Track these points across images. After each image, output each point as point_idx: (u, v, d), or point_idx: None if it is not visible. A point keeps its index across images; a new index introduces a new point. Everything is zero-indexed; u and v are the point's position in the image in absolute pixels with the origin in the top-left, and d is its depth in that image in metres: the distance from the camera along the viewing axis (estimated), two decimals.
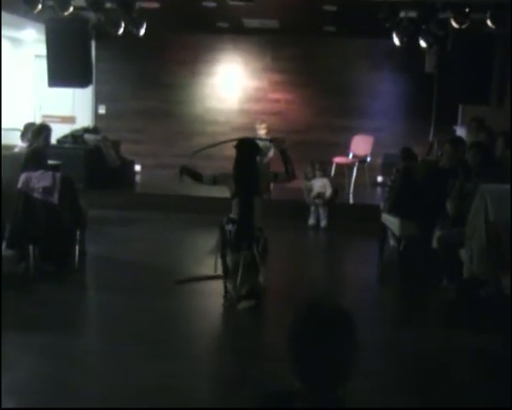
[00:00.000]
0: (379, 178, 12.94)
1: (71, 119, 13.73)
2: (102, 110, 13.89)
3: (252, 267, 5.97)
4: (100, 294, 6.64)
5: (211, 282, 6.42)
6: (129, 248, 8.34)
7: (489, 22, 8.69)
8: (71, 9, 9.35)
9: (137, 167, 12.89)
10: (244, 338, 5.55)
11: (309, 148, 12.42)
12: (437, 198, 6.80)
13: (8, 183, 6.75)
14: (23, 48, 13.93)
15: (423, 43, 9.97)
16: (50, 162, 7.46)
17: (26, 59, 13.97)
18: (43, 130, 7.62)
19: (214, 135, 11.52)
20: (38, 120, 12.36)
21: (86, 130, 12.01)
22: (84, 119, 13.45)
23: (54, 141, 9.54)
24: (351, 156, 12.49)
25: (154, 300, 6.18)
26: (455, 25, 8.89)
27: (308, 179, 10.28)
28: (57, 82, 10.23)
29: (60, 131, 11.39)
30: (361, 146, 12.54)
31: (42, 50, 10.60)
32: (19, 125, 9.53)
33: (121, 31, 9.96)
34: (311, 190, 10.13)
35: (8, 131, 11.40)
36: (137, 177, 12.77)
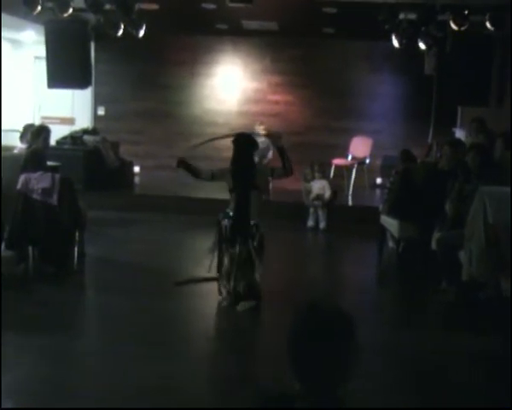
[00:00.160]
0: (378, 179, 12.94)
1: (70, 120, 13.73)
2: (101, 111, 13.90)
3: (247, 263, 5.98)
4: (99, 295, 6.64)
5: (209, 283, 6.41)
6: (128, 249, 8.34)
7: (488, 24, 8.70)
8: (70, 11, 9.36)
9: (136, 169, 12.88)
10: (243, 339, 5.56)
11: (308, 149, 12.43)
12: (436, 200, 6.80)
13: (7, 184, 6.74)
14: (23, 49, 13.93)
15: (422, 45, 9.98)
16: (49, 163, 7.45)
17: (26, 60, 13.98)
18: (42, 131, 7.62)
19: (213, 136, 11.48)
20: (38, 122, 12.36)
21: (85, 131, 12.01)
22: (84, 120, 13.45)
23: (53, 142, 9.54)
24: (350, 158, 12.50)
25: (153, 301, 6.18)
26: (454, 27, 8.90)
27: (307, 181, 10.27)
28: (56, 83, 10.24)
29: (59, 132, 11.38)
30: (360, 148, 12.55)
31: (41, 52, 10.60)
32: (18, 126, 9.53)
33: (120, 32, 9.96)
34: (310, 192, 10.13)
35: (7, 132, 11.40)
36: (136, 178, 12.76)
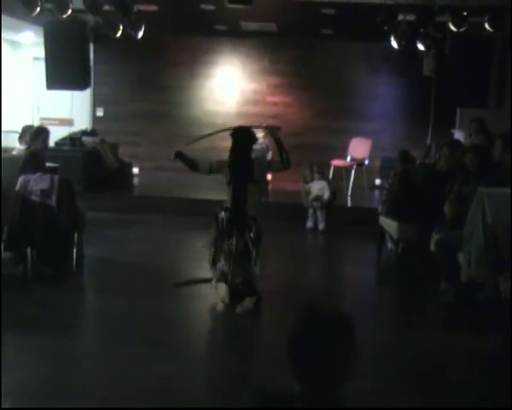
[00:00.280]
0: (377, 180, 12.95)
1: (69, 121, 13.72)
2: (100, 113, 13.90)
3: (245, 256, 5.98)
4: (98, 296, 6.64)
5: (209, 284, 6.41)
6: (127, 250, 8.33)
7: (487, 25, 8.70)
8: (69, 12, 9.34)
9: (135, 170, 12.87)
10: (243, 340, 5.56)
11: (307, 150, 12.44)
12: (435, 201, 6.81)
13: (6, 185, 6.74)
14: (21, 50, 13.93)
15: (421, 46, 9.98)
16: (48, 165, 7.44)
17: (25, 62, 13.97)
18: (41, 132, 7.61)
19: (212, 138, 11.46)
20: (37, 123, 12.38)
21: (84, 132, 12.01)
22: (82, 121, 13.44)
23: (52, 143, 9.53)
24: (349, 159, 12.51)
25: (153, 302, 6.18)
26: (453, 28, 8.91)
27: (306, 182, 10.26)
28: (55, 84, 10.24)
29: (58, 133, 11.37)
30: (359, 149, 12.56)
31: (40, 53, 10.61)
32: (17, 127, 9.53)
33: (119, 33, 9.95)
34: (309, 193, 10.12)
35: (6, 133, 11.39)
36: (135, 179, 12.75)
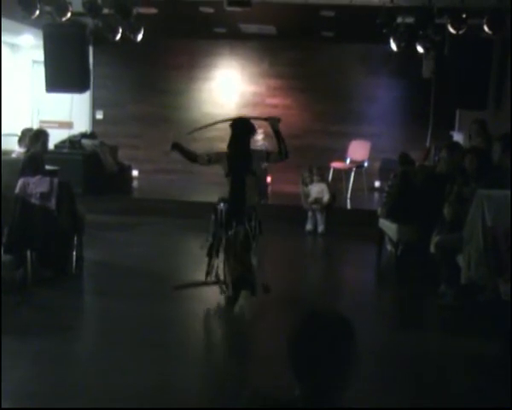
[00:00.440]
0: (376, 183, 12.96)
1: (68, 124, 13.69)
2: (100, 115, 13.91)
3: (243, 247, 5.99)
4: (97, 299, 6.63)
5: (209, 287, 6.41)
6: (126, 253, 8.33)
7: (486, 27, 8.71)
8: (68, 15, 9.35)
9: (135, 173, 12.89)
10: (243, 342, 5.56)
11: (306, 153, 12.45)
12: (434, 203, 6.81)
13: (5, 188, 6.74)
14: (21, 53, 13.94)
15: (420, 48, 9.99)
16: (48, 168, 7.45)
17: (24, 64, 13.97)
18: (40, 135, 7.61)
19: (211, 141, 11.51)
20: (36, 126, 12.37)
21: (84, 135, 12.02)
22: (82, 124, 13.44)
23: (51, 146, 9.54)
24: (348, 161, 12.51)
25: (152, 304, 6.17)
26: (452, 30, 8.91)
27: (305, 185, 10.27)
28: (55, 87, 10.24)
29: (57, 136, 11.38)
30: (358, 151, 12.57)
31: (39, 56, 10.60)
32: (16, 130, 9.54)
33: (119, 36, 9.96)
34: (309, 196, 10.12)
35: (5, 136, 11.40)
36: (135, 182, 12.77)
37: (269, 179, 11.57)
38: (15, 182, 6.68)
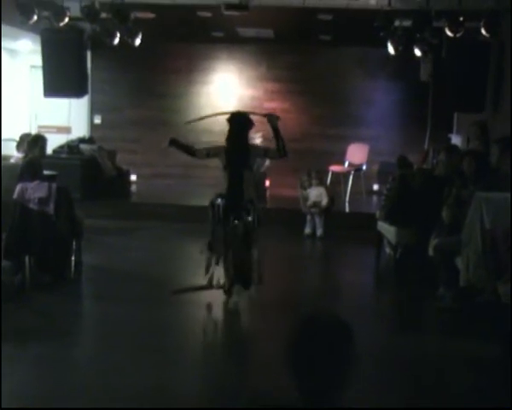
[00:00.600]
0: (375, 186, 12.97)
1: (66, 129, 13.71)
2: (98, 120, 13.91)
3: (243, 241, 5.99)
4: (96, 303, 6.63)
5: (207, 292, 6.41)
6: (125, 257, 8.33)
7: (483, 30, 8.72)
8: (66, 20, 9.36)
9: (133, 177, 12.89)
10: (241, 346, 5.56)
11: (305, 156, 12.45)
12: (433, 206, 6.81)
13: (4, 193, 6.74)
14: (19, 58, 13.94)
15: (418, 51, 10.00)
16: (46, 173, 7.45)
17: (22, 69, 13.97)
18: (38, 140, 7.61)
19: (210, 144, 11.49)
20: (34, 131, 12.36)
21: (82, 140, 12.03)
22: (80, 129, 13.45)
23: (50, 151, 9.54)
24: (346, 165, 12.52)
25: (151, 309, 6.17)
26: (449, 33, 8.92)
27: (304, 188, 10.26)
28: (53, 92, 10.24)
29: (55, 141, 11.38)
30: (357, 154, 12.58)
31: (37, 61, 10.62)
32: (15, 135, 9.53)
33: (117, 41, 9.96)
34: (307, 199, 10.12)
35: (4, 141, 11.39)
36: (133, 187, 12.76)
37: (267, 183, 11.57)
38: (14, 187, 6.68)
